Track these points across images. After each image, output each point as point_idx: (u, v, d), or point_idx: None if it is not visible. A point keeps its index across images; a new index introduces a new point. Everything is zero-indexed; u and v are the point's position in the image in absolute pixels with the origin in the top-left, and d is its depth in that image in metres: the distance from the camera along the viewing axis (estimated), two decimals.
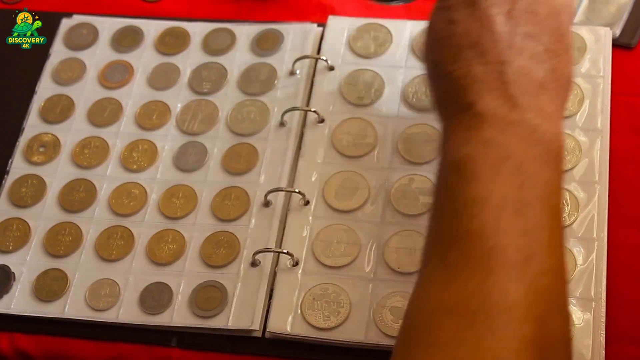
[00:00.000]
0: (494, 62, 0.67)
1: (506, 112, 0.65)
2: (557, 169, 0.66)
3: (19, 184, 0.89)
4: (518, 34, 0.68)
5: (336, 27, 0.93)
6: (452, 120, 0.67)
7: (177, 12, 1.00)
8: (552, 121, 0.67)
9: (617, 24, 0.90)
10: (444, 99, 0.69)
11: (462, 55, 0.68)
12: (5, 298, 0.83)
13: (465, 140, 0.65)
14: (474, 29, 0.68)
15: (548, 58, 0.69)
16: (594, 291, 0.75)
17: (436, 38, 0.70)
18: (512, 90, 0.66)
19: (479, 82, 0.67)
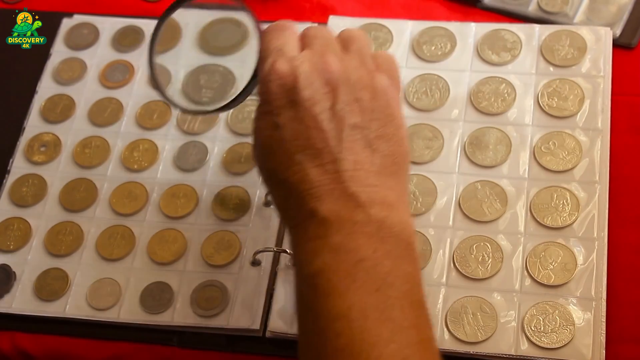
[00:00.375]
0: (328, 162, 0.66)
1: (350, 212, 0.65)
2: (412, 260, 0.65)
3: (20, 183, 0.89)
4: (346, 128, 0.67)
5: (337, 26, 0.93)
6: (298, 230, 0.67)
7: None
8: (397, 210, 0.66)
9: (617, 24, 0.90)
10: (285, 207, 0.69)
11: (295, 160, 0.67)
12: (6, 297, 0.83)
13: (315, 252, 0.64)
14: (301, 131, 0.67)
15: (381, 144, 0.68)
16: (594, 291, 0.75)
17: (265, 145, 0.69)
18: (352, 188, 0.65)
19: (317, 186, 0.66)
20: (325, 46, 0.71)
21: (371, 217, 0.65)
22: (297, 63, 0.68)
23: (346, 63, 0.69)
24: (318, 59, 0.69)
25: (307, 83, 0.67)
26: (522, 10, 0.93)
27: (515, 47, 0.89)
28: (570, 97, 0.85)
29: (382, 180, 0.67)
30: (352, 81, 0.69)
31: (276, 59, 0.69)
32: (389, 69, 0.72)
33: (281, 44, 0.71)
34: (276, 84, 0.68)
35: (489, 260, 0.78)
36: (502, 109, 0.85)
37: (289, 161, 0.67)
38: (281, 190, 0.68)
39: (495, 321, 0.75)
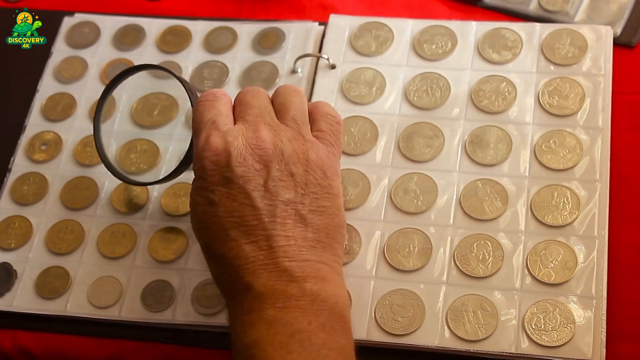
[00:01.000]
0: (262, 239, 0.68)
1: (284, 287, 0.67)
2: (345, 332, 0.68)
3: (21, 181, 0.89)
4: (279, 204, 0.69)
5: (338, 25, 0.93)
6: (234, 302, 0.69)
7: (178, 11, 1.00)
8: (330, 283, 0.69)
9: (618, 23, 0.90)
10: (222, 280, 0.71)
11: (230, 236, 0.69)
12: (7, 296, 0.83)
13: (251, 324, 0.66)
14: (235, 208, 0.69)
15: (315, 217, 0.70)
16: (594, 289, 0.75)
17: (201, 220, 0.71)
18: (285, 263, 0.68)
19: (251, 261, 0.68)
20: (259, 117, 0.73)
21: (305, 291, 0.67)
22: (230, 139, 0.70)
23: (280, 136, 0.71)
24: (251, 133, 0.71)
25: (240, 160, 0.70)
26: (523, 9, 0.94)
27: (516, 46, 0.89)
28: (571, 95, 0.85)
29: (316, 253, 0.69)
30: (286, 156, 0.71)
31: (210, 132, 0.71)
32: (329, 131, 0.74)
33: (214, 115, 0.73)
34: (210, 160, 0.70)
35: (489, 259, 0.78)
36: (502, 108, 0.85)
37: (224, 237, 0.69)
38: (217, 264, 0.70)
39: (496, 319, 0.75)
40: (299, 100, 0.75)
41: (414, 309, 0.76)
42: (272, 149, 0.70)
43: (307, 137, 0.73)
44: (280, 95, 0.76)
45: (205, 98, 0.75)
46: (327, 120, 0.75)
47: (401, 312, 0.76)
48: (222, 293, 0.72)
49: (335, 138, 0.75)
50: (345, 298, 0.70)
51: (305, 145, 0.72)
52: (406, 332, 0.76)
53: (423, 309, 0.76)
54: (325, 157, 0.73)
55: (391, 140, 0.85)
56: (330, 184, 0.73)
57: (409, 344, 0.75)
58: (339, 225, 0.73)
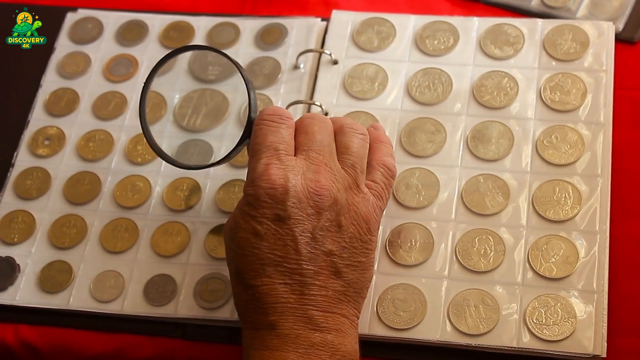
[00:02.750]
0: (297, 283, 0.69)
1: (308, 334, 0.68)
2: None
3: (24, 176, 0.89)
4: (321, 254, 0.70)
5: (340, 21, 0.94)
6: (254, 334, 0.69)
7: (181, 7, 1.00)
8: (350, 338, 0.70)
9: (620, 19, 0.91)
10: (245, 309, 0.71)
11: (266, 272, 0.69)
12: (10, 289, 0.83)
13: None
14: (278, 247, 0.69)
15: (349, 272, 0.71)
16: (596, 284, 0.75)
17: (241, 246, 0.70)
18: (312, 311, 0.68)
19: (281, 302, 0.68)
20: (321, 155, 0.72)
21: (327, 342, 0.68)
22: (291, 176, 0.70)
23: (338, 183, 0.71)
24: (312, 175, 0.71)
25: (295, 201, 0.69)
26: (525, 5, 0.94)
27: (518, 42, 0.89)
28: (573, 91, 0.85)
29: (341, 307, 0.70)
30: (339, 206, 0.71)
31: (271, 162, 0.71)
32: (382, 184, 0.75)
33: (277, 142, 0.72)
34: (266, 192, 0.70)
35: (491, 253, 0.78)
36: (504, 103, 0.86)
37: (260, 270, 0.69)
38: (246, 293, 0.70)
39: (497, 314, 0.75)
40: (363, 145, 0.75)
41: (416, 303, 0.77)
42: (328, 196, 0.70)
43: (362, 187, 0.73)
44: (345, 135, 0.75)
45: (271, 119, 0.73)
46: (383, 173, 0.76)
47: (403, 307, 0.77)
48: (241, 320, 0.72)
49: (386, 192, 0.75)
50: (358, 353, 0.71)
51: (358, 197, 0.72)
52: (408, 326, 0.76)
53: (425, 303, 0.76)
54: (374, 211, 0.73)
55: (393, 135, 0.85)
56: (371, 239, 0.73)
57: (411, 338, 0.76)
58: (367, 280, 0.73)
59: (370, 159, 0.76)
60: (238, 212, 0.71)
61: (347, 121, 0.76)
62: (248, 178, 0.72)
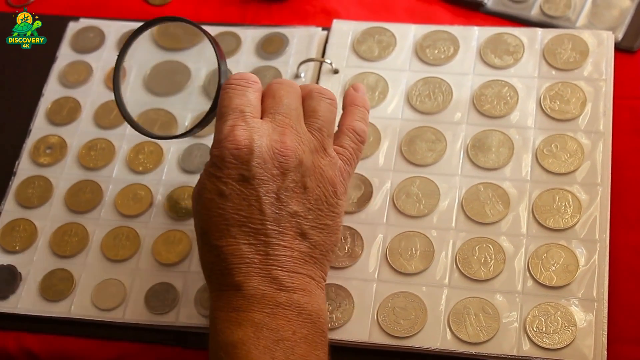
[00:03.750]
0: (261, 244, 0.69)
1: (273, 294, 0.68)
2: (324, 347, 0.69)
3: (26, 185, 0.89)
4: (285, 214, 0.70)
5: (341, 30, 0.94)
6: (220, 296, 0.69)
7: (183, 16, 1.00)
8: (316, 298, 0.70)
9: (619, 28, 0.91)
10: (212, 270, 0.71)
11: (230, 232, 0.69)
12: (11, 298, 0.83)
13: (237, 323, 0.67)
14: (243, 207, 0.69)
15: (314, 233, 0.71)
16: (596, 292, 0.76)
17: (206, 207, 0.71)
18: (277, 271, 0.69)
19: (246, 263, 0.69)
20: (287, 117, 0.72)
21: (293, 301, 0.68)
22: (256, 137, 0.70)
23: (303, 145, 0.72)
24: (277, 136, 0.71)
25: (260, 161, 0.70)
26: (525, 15, 0.94)
27: (518, 51, 0.89)
28: (573, 100, 0.85)
29: (307, 268, 0.70)
30: (304, 167, 0.71)
31: (236, 123, 0.71)
32: (350, 149, 0.75)
33: (243, 104, 0.72)
34: (231, 152, 0.70)
35: (491, 262, 0.78)
36: (504, 112, 0.86)
37: (225, 231, 0.69)
38: (211, 254, 0.70)
39: (498, 322, 0.75)
40: (330, 109, 0.75)
41: (416, 311, 0.77)
42: (293, 157, 0.70)
43: (329, 150, 0.74)
44: (313, 99, 0.75)
45: (237, 82, 0.74)
46: (352, 138, 0.76)
47: (403, 315, 0.77)
48: (207, 282, 0.72)
49: (354, 157, 0.76)
50: (326, 314, 0.71)
51: (324, 160, 0.73)
52: (408, 334, 0.76)
53: (425, 311, 0.77)
54: (340, 174, 0.74)
55: (394, 144, 0.86)
56: (337, 202, 0.73)
57: (411, 347, 0.76)
58: (333, 244, 0.73)
59: (341, 123, 0.77)
60: (204, 173, 0.72)
61: (315, 86, 0.77)
62: (214, 140, 0.72)
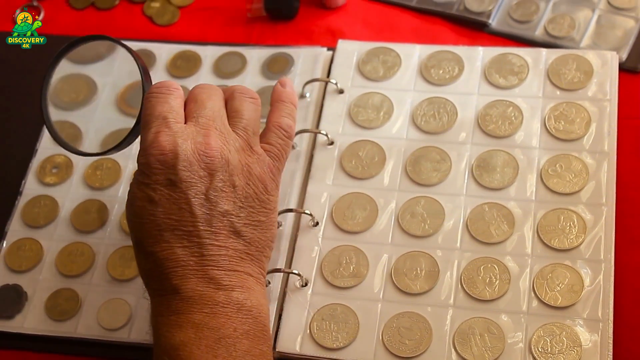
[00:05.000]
0: (195, 245, 0.70)
1: (211, 294, 0.68)
2: (266, 340, 0.70)
3: (32, 204, 0.90)
4: (217, 214, 0.70)
5: (346, 50, 0.94)
6: (160, 301, 0.70)
7: (188, 36, 1.01)
8: (255, 293, 0.70)
9: (623, 49, 0.91)
10: (149, 277, 0.71)
11: (164, 237, 0.70)
12: (17, 317, 0.83)
13: (177, 326, 0.68)
14: (173, 211, 0.70)
15: (248, 231, 0.72)
16: (601, 312, 0.76)
17: (137, 215, 0.71)
18: (214, 271, 0.69)
19: (182, 266, 0.69)
20: (211, 120, 0.73)
21: (232, 299, 0.69)
22: (180, 141, 0.71)
23: (229, 144, 0.72)
24: (201, 138, 0.71)
25: (186, 164, 0.70)
26: (529, 35, 0.94)
27: (522, 71, 0.90)
28: (577, 120, 0.86)
29: (244, 265, 0.71)
30: (231, 166, 0.71)
31: (160, 130, 0.71)
32: (277, 145, 0.76)
33: (166, 111, 0.73)
34: (156, 159, 0.70)
35: (496, 282, 0.78)
36: (509, 132, 0.86)
37: (158, 236, 0.70)
38: (147, 261, 0.71)
39: (503, 342, 0.75)
40: (254, 108, 0.76)
41: (421, 331, 0.77)
42: (219, 157, 0.71)
43: (255, 148, 0.74)
44: (235, 100, 0.76)
45: (159, 90, 0.74)
46: (278, 134, 0.77)
47: (408, 335, 0.77)
48: (147, 288, 0.72)
49: (281, 152, 0.76)
50: (267, 308, 0.72)
51: (251, 157, 0.73)
52: (413, 354, 0.76)
53: (430, 331, 0.77)
54: (269, 171, 0.74)
55: (398, 164, 0.86)
56: (269, 198, 0.74)
57: None
58: (269, 240, 0.74)
59: (268, 120, 0.78)
60: (133, 182, 0.72)
61: (237, 87, 0.77)
62: (140, 149, 0.72)
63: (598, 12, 0.94)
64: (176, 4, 1.04)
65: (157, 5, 1.04)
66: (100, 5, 1.05)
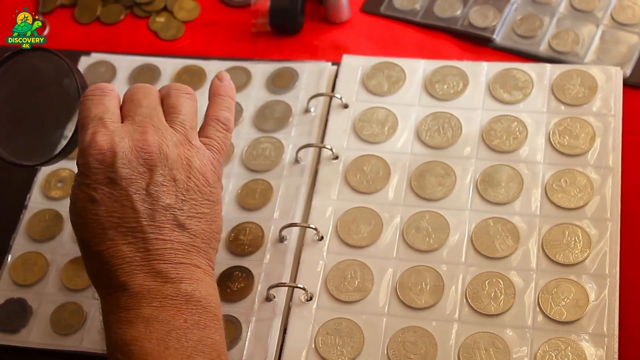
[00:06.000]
0: (139, 241, 0.70)
1: (160, 287, 0.69)
2: (218, 329, 0.70)
3: (37, 218, 0.90)
4: (159, 208, 0.71)
5: (350, 65, 0.95)
6: (109, 300, 0.70)
7: (193, 51, 1.01)
8: (204, 284, 0.71)
9: (627, 64, 0.91)
10: (97, 276, 0.71)
11: (108, 235, 0.70)
12: (22, 331, 0.83)
13: (127, 321, 0.68)
14: (115, 209, 0.70)
15: (192, 223, 0.72)
16: (606, 327, 0.76)
17: (80, 215, 0.71)
18: (161, 265, 0.69)
19: (127, 262, 0.69)
20: (147, 118, 0.73)
21: (180, 291, 0.69)
22: (117, 139, 0.71)
23: (166, 139, 0.72)
24: (138, 135, 0.72)
25: (125, 161, 0.70)
26: (534, 50, 0.95)
27: (527, 86, 0.90)
28: (582, 135, 0.86)
29: (190, 257, 0.71)
30: (170, 161, 0.72)
31: (97, 130, 0.72)
32: (216, 138, 0.76)
33: (102, 112, 0.73)
34: (95, 158, 0.71)
35: (501, 297, 0.78)
36: (513, 147, 0.86)
37: (102, 235, 0.70)
38: (93, 261, 0.71)
39: (508, 357, 0.75)
40: (190, 103, 0.76)
41: (426, 346, 0.77)
42: (157, 153, 0.71)
43: (194, 142, 0.74)
44: (171, 97, 0.76)
45: (93, 93, 0.75)
46: (217, 127, 0.77)
47: (413, 349, 0.77)
48: (95, 287, 0.72)
49: (221, 145, 0.76)
50: (217, 298, 0.72)
51: (190, 151, 0.73)
52: None
53: (435, 346, 0.77)
54: (210, 163, 0.74)
55: (403, 178, 0.86)
56: (211, 190, 0.74)
57: None
58: (215, 232, 0.74)
59: (206, 114, 0.78)
60: (74, 184, 0.72)
61: (172, 85, 0.78)
62: (78, 150, 0.73)
63: (602, 27, 0.95)
64: (181, 19, 1.04)
65: (162, 20, 1.05)
66: (106, 20, 1.06)
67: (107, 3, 1.07)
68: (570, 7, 0.97)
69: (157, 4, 1.06)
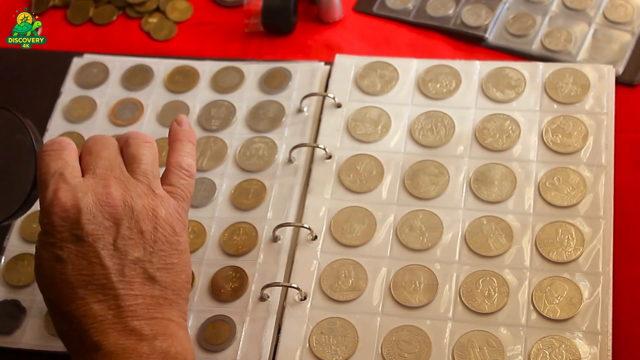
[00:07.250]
0: (110, 298, 0.68)
1: (134, 345, 0.67)
2: None
3: (31, 220, 0.89)
4: (128, 263, 0.69)
5: (343, 65, 0.95)
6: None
7: (186, 51, 1.01)
8: (179, 338, 0.69)
9: (620, 62, 0.92)
10: (68, 337, 0.70)
11: (78, 295, 0.68)
12: (16, 333, 0.83)
13: None
14: (84, 266, 0.69)
15: (162, 275, 0.71)
16: (600, 325, 0.76)
17: (47, 276, 0.70)
18: (134, 322, 0.68)
19: (99, 321, 0.68)
20: (109, 170, 0.72)
21: (155, 348, 0.67)
22: (80, 195, 0.70)
23: (130, 191, 0.71)
24: (101, 189, 0.70)
25: (90, 217, 0.69)
26: (526, 49, 0.95)
27: (520, 85, 0.90)
28: (574, 133, 0.86)
29: (162, 311, 0.70)
30: (136, 213, 0.70)
31: (58, 186, 0.70)
32: (180, 185, 0.74)
33: (61, 167, 0.71)
34: (59, 217, 0.69)
35: (495, 295, 0.78)
36: (507, 146, 0.86)
37: (71, 295, 0.68)
38: (64, 322, 0.70)
39: (502, 355, 0.75)
40: (150, 152, 0.75)
41: (421, 345, 0.77)
42: (122, 206, 0.70)
43: (158, 191, 0.73)
44: (131, 147, 0.74)
45: (51, 147, 0.73)
46: (179, 174, 0.75)
47: (408, 348, 0.77)
48: (68, 350, 0.71)
49: (185, 192, 0.75)
50: (193, 353, 0.70)
51: (155, 201, 0.72)
52: None
53: (429, 345, 0.77)
54: (175, 212, 0.73)
55: (397, 178, 0.86)
56: (179, 239, 0.72)
57: None
58: (185, 282, 0.73)
59: (167, 161, 0.76)
60: (38, 244, 0.71)
61: (130, 133, 0.76)
62: (40, 209, 0.71)
63: (594, 26, 0.95)
64: (174, 20, 1.04)
65: (155, 20, 1.05)
66: (98, 20, 1.06)
67: (99, 4, 1.07)
68: (563, 5, 0.97)
69: (150, 5, 1.06)
